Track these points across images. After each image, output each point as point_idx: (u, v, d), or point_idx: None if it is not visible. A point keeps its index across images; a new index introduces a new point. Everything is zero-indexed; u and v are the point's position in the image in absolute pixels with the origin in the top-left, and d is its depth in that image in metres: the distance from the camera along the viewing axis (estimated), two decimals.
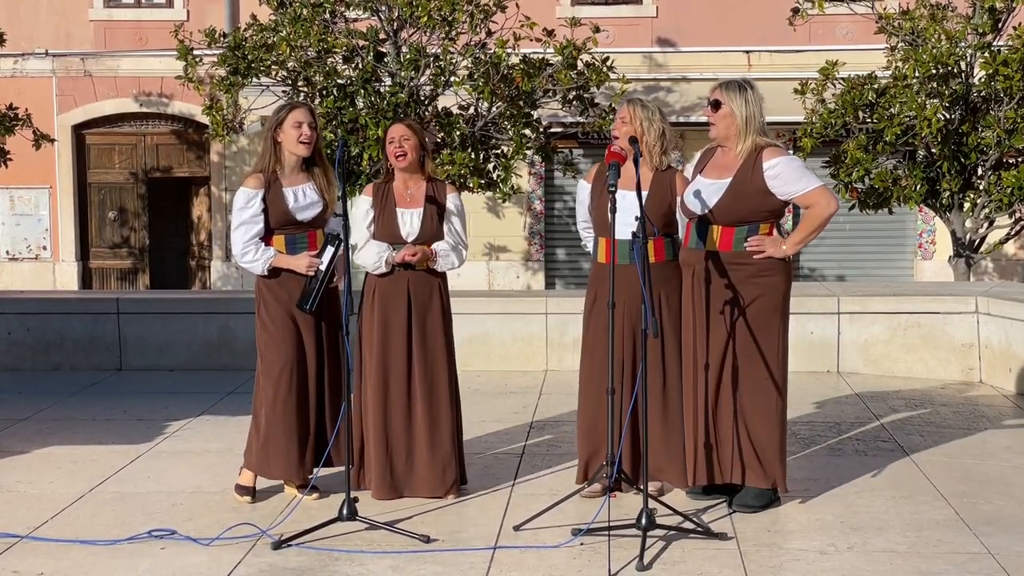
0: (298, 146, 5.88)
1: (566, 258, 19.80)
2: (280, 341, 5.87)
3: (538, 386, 8.96)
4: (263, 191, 5.85)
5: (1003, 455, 6.87)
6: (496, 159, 14.26)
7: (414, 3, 13.63)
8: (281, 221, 5.88)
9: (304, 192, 5.93)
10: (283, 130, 5.89)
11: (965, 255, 14.03)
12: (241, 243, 5.85)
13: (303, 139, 5.86)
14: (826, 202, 5.66)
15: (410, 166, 5.94)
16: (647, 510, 5.15)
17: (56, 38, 19.94)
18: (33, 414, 8.13)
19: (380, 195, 5.99)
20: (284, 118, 5.89)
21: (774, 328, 5.69)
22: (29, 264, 20.35)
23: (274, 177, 5.89)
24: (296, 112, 5.89)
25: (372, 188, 6.04)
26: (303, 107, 5.94)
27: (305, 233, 5.93)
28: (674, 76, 18.91)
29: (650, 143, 5.89)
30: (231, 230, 5.94)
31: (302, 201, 5.91)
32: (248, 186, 5.87)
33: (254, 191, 5.86)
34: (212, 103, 14.44)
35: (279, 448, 5.89)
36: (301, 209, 5.90)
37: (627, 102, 5.98)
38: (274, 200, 5.86)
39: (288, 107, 5.95)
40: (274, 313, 5.89)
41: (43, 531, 5.54)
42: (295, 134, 5.86)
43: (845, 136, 13.73)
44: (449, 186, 6.08)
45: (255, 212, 5.84)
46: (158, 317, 9.94)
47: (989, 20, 13.40)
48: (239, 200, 5.87)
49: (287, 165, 5.92)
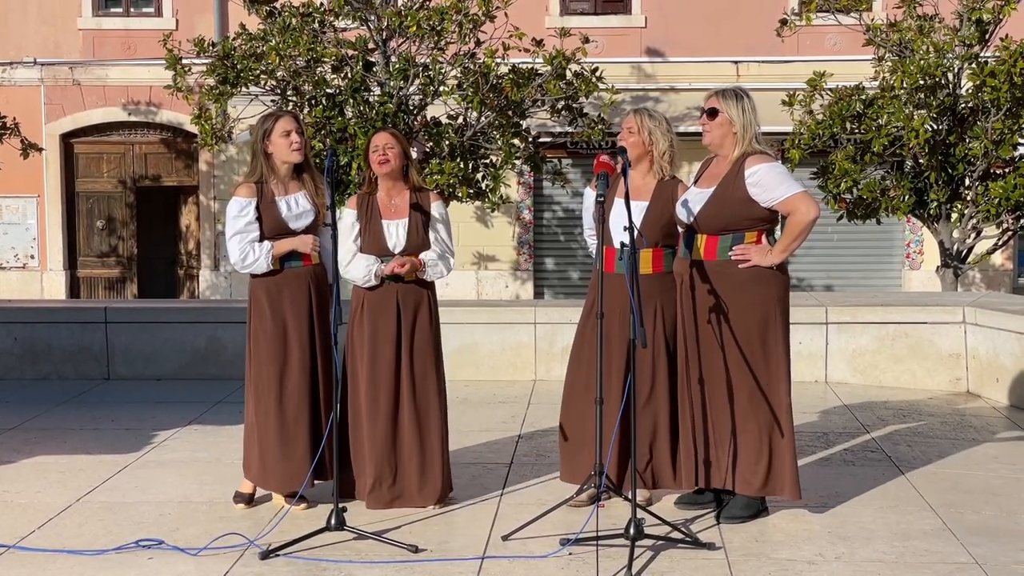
0: (291, 154, 5.89)
1: (555, 268, 19.81)
2: (275, 352, 5.87)
3: (527, 396, 8.96)
4: (256, 200, 5.86)
5: (990, 465, 6.88)
6: (485, 169, 14.26)
7: (403, 13, 13.65)
8: (275, 230, 5.88)
9: (296, 201, 5.94)
10: (272, 141, 5.89)
11: (953, 265, 14.07)
12: (238, 249, 5.85)
13: (295, 147, 5.87)
14: (806, 208, 5.59)
15: (393, 174, 5.92)
16: (635, 520, 5.15)
17: (45, 47, 19.92)
18: (20, 423, 8.11)
19: (364, 207, 5.98)
20: (272, 128, 5.89)
21: (767, 338, 5.64)
22: (17, 273, 20.30)
23: (265, 187, 5.90)
24: (283, 121, 5.90)
25: (355, 200, 6.03)
26: (288, 115, 5.96)
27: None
28: (663, 86, 18.96)
29: (659, 153, 5.89)
30: (227, 241, 5.93)
31: (295, 210, 5.92)
32: (240, 195, 5.88)
33: (247, 200, 5.86)
34: (201, 112, 14.43)
35: (275, 460, 5.89)
36: (295, 218, 5.91)
37: (635, 112, 5.95)
38: (267, 210, 5.87)
39: (273, 117, 5.96)
40: (268, 323, 5.88)
41: (30, 541, 5.52)
42: (285, 143, 5.87)
43: (833, 147, 13.76)
44: (433, 194, 6.07)
45: (249, 220, 5.85)
46: (146, 326, 9.93)
47: (976, 32, 13.45)
48: (232, 210, 5.88)
49: (279, 175, 5.93)
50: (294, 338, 5.89)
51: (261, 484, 6.01)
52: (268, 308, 5.90)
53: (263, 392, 5.89)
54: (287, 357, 5.89)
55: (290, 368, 5.89)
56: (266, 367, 5.88)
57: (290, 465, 5.89)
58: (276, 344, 5.88)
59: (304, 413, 5.90)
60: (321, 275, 6.01)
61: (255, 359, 5.94)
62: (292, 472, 5.90)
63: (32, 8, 19.90)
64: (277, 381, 5.87)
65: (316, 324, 5.94)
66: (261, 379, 5.90)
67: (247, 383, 6.01)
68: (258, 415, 5.91)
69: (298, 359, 5.89)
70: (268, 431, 5.88)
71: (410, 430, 5.91)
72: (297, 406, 5.88)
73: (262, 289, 5.93)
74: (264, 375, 5.89)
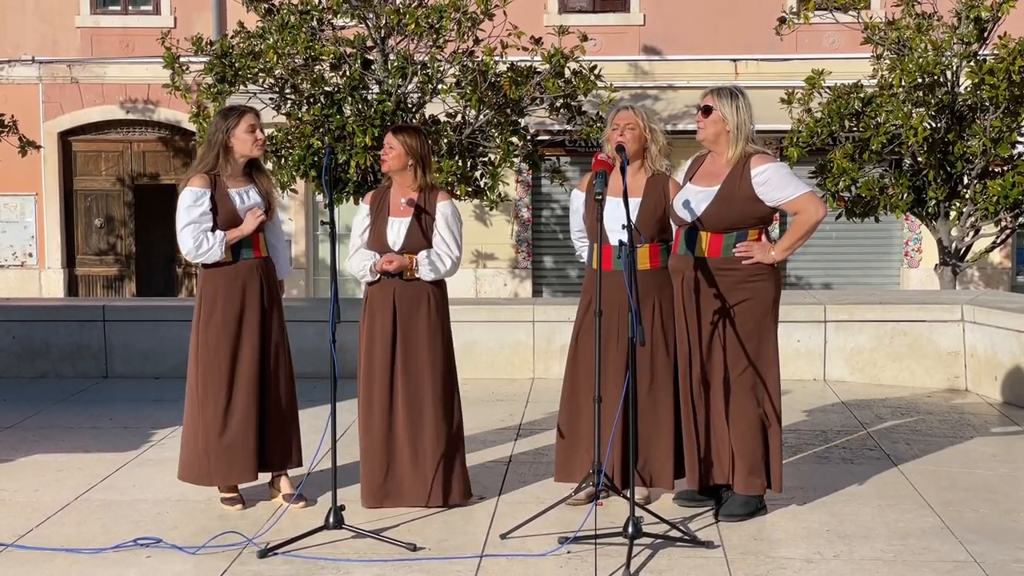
0: (254, 149, 5.94)
1: (553, 266, 19.81)
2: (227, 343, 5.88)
3: (525, 394, 8.96)
4: (210, 190, 5.87)
5: (989, 463, 6.88)
6: (484, 167, 14.25)
7: (401, 11, 13.63)
8: (229, 222, 5.91)
9: (248, 194, 5.97)
10: (236, 135, 5.91)
11: (951, 263, 14.07)
12: (192, 238, 5.85)
13: (259, 143, 5.94)
14: (814, 208, 5.68)
15: (398, 172, 5.94)
16: (634, 518, 5.15)
17: (43, 45, 19.91)
18: (19, 422, 8.10)
19: (377, 203, 6.02)
20: (238, 123, 5.92)
21: (763, 333, 5.70)
22: (15, 271, 20.29)
23: (218, 179, 5.91)
24: (248, 116, 5.95)
25: (371, 196, 6.09)
26: (253, 111, 6.01)
27: (250, 236, 5.96)
28: (661, 84, 18.95)
29: (656, 148, 5.91)
30: (178, 231, 5.91)
31: (248, 203, 5.95)
32: (195, 185, 5.88)
33: (202, 190, 5.87)
34: (199, 110, 14.41)
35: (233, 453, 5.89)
36: (247, 210, 5.92)
37: (631, 108, 5.95)
38: (221, 200, 5.90)
39: (239, 112, 5.99)
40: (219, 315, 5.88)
41: (28, 539, 5.52)
42: (250, 138, 5.91)
43: (832, 145, 13.75)
44: (441, 193, 6.08)
45: (204, 211, 5.86)
46: (144, 324, 9.92)
47: (975, 30, 13.44)
48: (186, 199, 5.87)
49: (233, 168, 5.95)
50: (247, 330, 5.91)
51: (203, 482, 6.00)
52: (220, 299, 5.91)
53: (212, 384, 5.88)
54: (239, 349, 5.90)
55: (241, 360, 5.89)
56: (217, 359, 5.88)
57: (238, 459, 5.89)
58: (227, 336, 5.89)
59: (253, 406, 5.90)
60: (271, 267, 6.07)
61: (204, 350, 5.92)
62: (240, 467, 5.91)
63: (30, 6, 19.88)
64: (228, 374, 5.88)
65: (268, 315, 5.97)
66: (212, 371, 5.89)
67: (190, 377, 5.98)
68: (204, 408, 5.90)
69: (250, 350, 5.90)
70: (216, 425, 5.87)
71: (402, 429, 5.90)
72: (247, 398, 5.89)
73: (213, 280, 5.94)
74: (215, 367, 5.89)
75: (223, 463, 5.92)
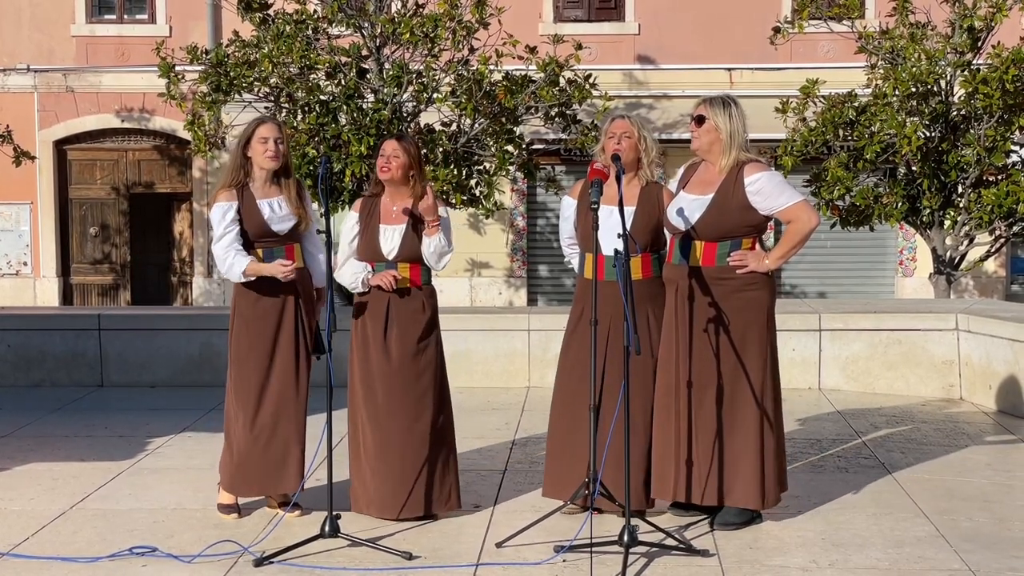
0: (265, 161, 5.90)
1: (548, 274, 19.82)
2: (259, 357, 5.88)
3: (520, 403, 8.96)
4: (237, 203, 5.86)
5: (984, 472, 6.89)
6: (479, 175, 14.26)
7: (397, 20, 13.65)
8: (258, 233, 5.88)
9: (279, 204, 5.94)
10: (252, 145, 5.91)
11: (946, 272, 14.09)
12: (223, 252, 5.85)
13: (268, 154, 5.88)
14: (807, 217, 5.69)
15: (394, 182, 5.94)
16: (629, 527, 5.15)
17: (38, 54, 19.92)
18: (14, 431, 8.09)
19: (367, 210, 5.99)
20: (251, 133, 5.91)
21: (759, 343, 5.69)
22: (10, 280, 20.27)
23: (246, 190, 5.90)
24: (262, 128, 5.91)
25: (360, 203, 6.05)
26: (270, 122, 5.97)
27: (283, 246, 5.93)
28: (656, 93, 18.99)
29: (648, 158, 5.91)
30: (213, 245, 5.94)
31: (278, 212, 5.92)
32: (222, 200, 5.88)
33: (228, 204, 5.86)
34: (194, 119, 14.41)
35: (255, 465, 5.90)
36: (277, 220, 5.91)
37: (627, 117, 5.95)
38: (249, 212, 5.87)
39: (256, 122, 5.98)
40: (252, 327, 5.89)
41: (24, 548, 5.52)
42: (261, 149, 5.89)
43: (826, 154, 13.79)
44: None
45: (229, 225, 5.84)
46: (140, 333, 9.91)
47: (968, 39, 13.49)
48: (215, 215, 5.87)
49: (258, 178, 5.94)
50: (282, 342, 5.90)
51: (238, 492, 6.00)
52: (252, 311, 5.90)
53: (243, 396, 5.90)
54: (272, 362, 5.89)
55: (274, 373, 5.89)
56: (249, 372, 5.89)
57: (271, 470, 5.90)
58: (260, 349, 5.89)
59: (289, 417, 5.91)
60: (306, 278, 6.03)
61: (237, 363, 5.94)
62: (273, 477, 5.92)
63: (25, 15, 19.89)
64: (259, 386, 5.89)
65: (302, 327, 5.95)
66: (242, 383, 5.91)
67: (228, 388, 6.00)
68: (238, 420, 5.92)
69: (283, 363, 5.90)
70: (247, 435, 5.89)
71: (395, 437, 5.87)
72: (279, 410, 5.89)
73: (245, 293, 5.93)
74: (244, 378, 5.90)
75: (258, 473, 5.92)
